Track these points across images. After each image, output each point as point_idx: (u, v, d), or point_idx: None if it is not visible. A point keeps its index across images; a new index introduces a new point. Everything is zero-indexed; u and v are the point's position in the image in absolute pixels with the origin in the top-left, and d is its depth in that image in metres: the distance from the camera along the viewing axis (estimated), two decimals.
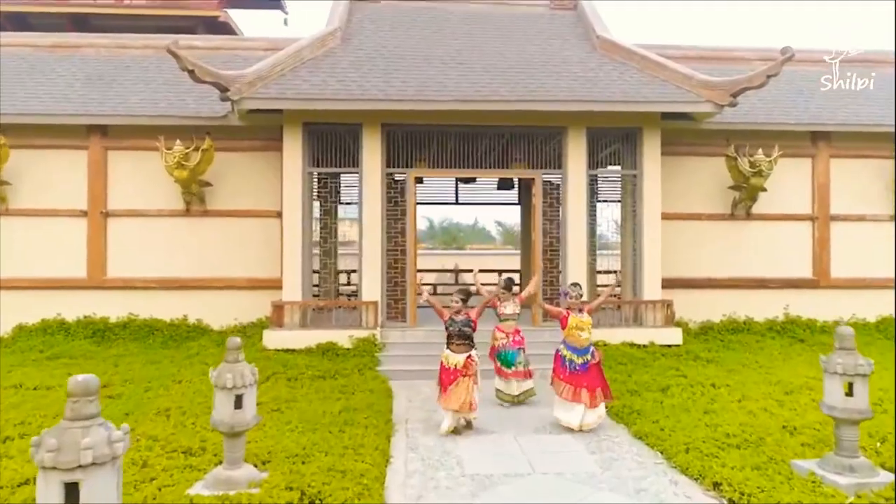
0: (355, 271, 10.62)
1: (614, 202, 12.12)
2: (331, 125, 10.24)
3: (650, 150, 10.51)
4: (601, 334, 9.90)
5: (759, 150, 10.71)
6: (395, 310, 10.48)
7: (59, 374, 8.53)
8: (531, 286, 8.10)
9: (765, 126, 11.26)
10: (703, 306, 11.32)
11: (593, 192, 11.02)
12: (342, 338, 9.68)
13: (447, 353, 6.52)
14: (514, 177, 13.52)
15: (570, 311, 6.70)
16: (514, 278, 9.10)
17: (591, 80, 10.27)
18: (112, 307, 10.83)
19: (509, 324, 7.66)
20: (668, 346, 9.91)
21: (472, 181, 15.15)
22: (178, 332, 10.70)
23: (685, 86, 9.99)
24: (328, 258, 11.37)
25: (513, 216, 41.67)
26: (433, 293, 16.06)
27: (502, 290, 7.84)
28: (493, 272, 16.78)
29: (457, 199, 15.87)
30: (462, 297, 6.72)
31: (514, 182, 14.87)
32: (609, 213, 12.00)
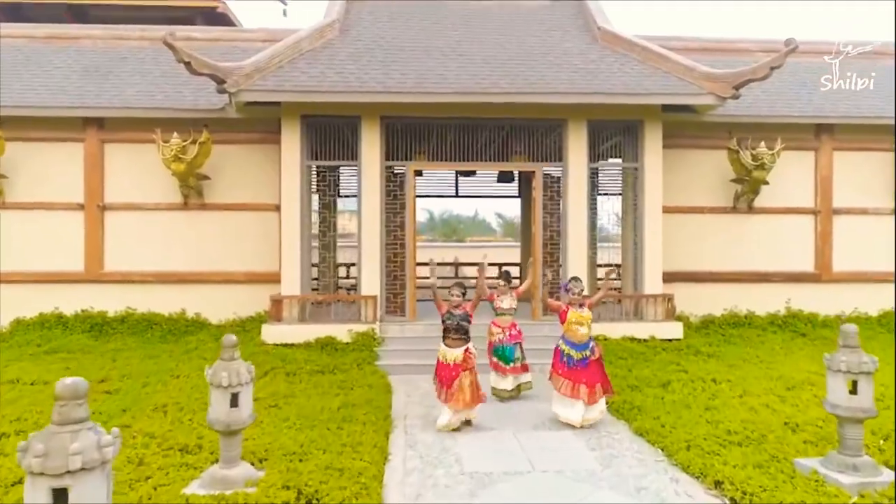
0: (354, 264, 10.55)
1: (615, 195, 12.04)
2: (329, 118, 10.14)
3: (651, 142, 10.42)
4: (601, 328, 9.85)
5: (762, 142, 10.62)
6: (395, 304, 10.42)
7: (56, 368, 8.49)
8: (527, 283, 8.01)
9: (768, 119, 11.16)
10: (705, 300, 11.26)
11: (594, 185, 10.94)
12: (341, 332, 9.62)
13: (444, 348, 6.46)
14: (515, 170, 13.42)
15: (570, 305, 6.64)
16: (512, 271, 9.05)
17: (591, 72, 10.16)
18: (110, 301, 10.78)
19: (506, 318, 7.60)
20: (669, 340, 9.85)
21: (472, 174, 15.05)
22: (176, 327, 10.65)
23: (687, 78, 9.88)
24: (327, 252, 11.30)
25: (513, 208, 41.53)
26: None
27: (501, 284, 7.78)
28: (494, 265, 16.74)
29: (457, 192, 15.77)
30: (461, 292, 6.66)
31: (515, 175, 14.77)
32: (610, 206, 11.95)
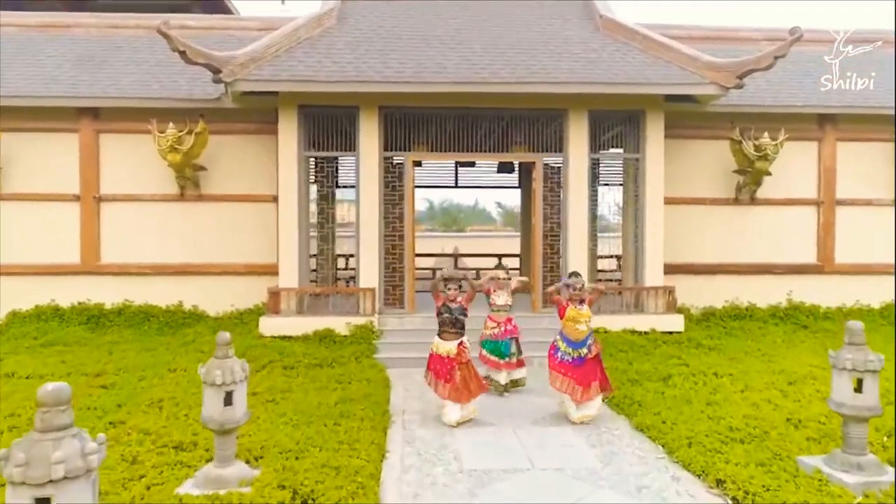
0: (353, 255, 10.46)
1: (616, 186, 11.92)
2: (327, 108, 10.00)
3: (653, 133, 10.28)
4: (602, 321, 9.77)
5: (765, 133, 10.48)
6: (393, 296, 10.33)
7: (52, 361, 8.42)
8: (516, 282, 7.78)
9: (771, 108, 11.00)
10: (706, 292, 11.17)
11: (595, 175, 10.81)
12: (339, 324, 9.55)
13: (438, 341, 6.40)
14: (515, 161, 13.30)
15: (569, 301, 6.54)
16: (512, 263, 8.95)
17: (593, 61, 10.01)
18: (107, 293, 10.69)
19: (501, 314, 7.50)
20: (670, 332, 9.77)
21: (471, 164, 14.93)
22: (173, 319, 10.56)
23: (690, 67, 9.73)
24: (325, 244, 11.20)
25: (514, 197, 41.41)
26: (433, 277, 15.96)
27: (500, 277, 7.67)
28: (493, 256, 16.65)
29: (456, 182, 15.66)
30: (457, 286, 6.57)
31: (515, 165, 14.64)
32: (611, 197, 11.84)
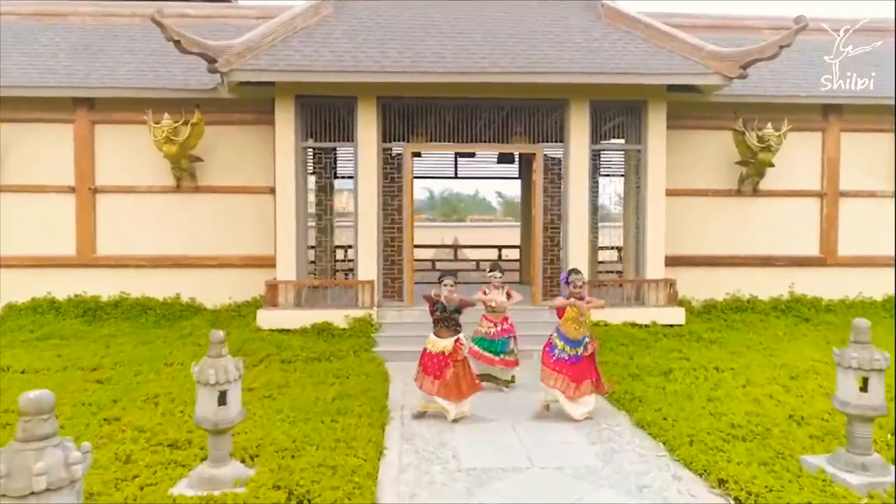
0: (352, 247, 10.37)
1: (617, 176, 11.81)
2: (324, 98, 9.86)
3: (655, 123, 10.15)
4: (602, 314, 9.64)
5: (769, 123, 10.35)
6: (392, 289, 10.25)
7: (48, 355, 8.35)
8: (512, 300, 7.51)
9: (774, 99, 10.86)
10: (707, 284, 11.09)
11: (596, 167, 10.69)
12: (338, 317, 9.47)
13: (433, 338, 6.31)
14: (515, 152, 13.16)
15: (568, 300, 6.39)
16: (512, 254, 8.84)
17: (594, 50, 9.86)
18: (103, 285, 10.61)
19: (497, 314, 7.39)
20: (671, 325, 9.70)
21: (471, 155, 14.80)
22: (170, 311, 10.48)
23: (693, 57, 9.59)
24: (324, 235, 11.10)
25: (514, 187, 41.25)
26: (432, 268, 15.87)
27: (496, 276, 7.54)
28: (494, 248, 16.57)
29: (456, 173, 15.53)
30: (454, 281, 6.50)
31: (515, 156, 14.51)
32: (612, 188, 11.73)
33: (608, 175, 11.90)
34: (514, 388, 7.36)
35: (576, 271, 6.50)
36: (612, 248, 12.02)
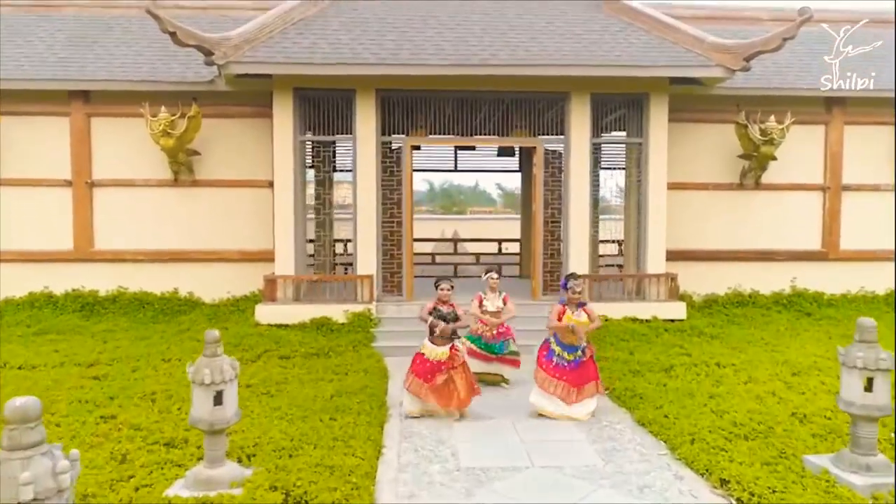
0: (352, 240, 10.30)
1: (618, 169, 11.72)
2: (323, 91, 9.77)
3: (657, 116, 10.04)
4: (603, 308, 9.56)
5: (771, 116, 10.25)
6: (391, 283, 10.19)
7: (45, 351, 8.30)
8: (506, 315, 7.36)
9: (777, 91, 10.75)
10: (708, 279, 11.02)
11: (597, 160, 10.59)
12: (337, 312, 9.41)
13: (428, 345, 6.23)
14: (515, 145, 13.06)
15: (566, 306, 6.27)
16: (512, 248, 8.76)
17: (596, 42, 9.75)
18: (101, 280, 10.55)
19: (493, 320, 7.27)
20: (672, 320, 9.64)
21: (471, 148, 14.70)
22: (168, 306, 10.43)
23: (696, 49, 9.47)
24: (322, 230, 11.02)
25: (514, 180, 41.07)
26: (431, 262, 15.81)
27: (492, 278, 7.43)
28: (493, 241, 16.49)
29: (455, 166, 15.43)
30: (450, 286, 6.48)
31: (516, 148, 14.41)
32: (613, 182, 11.65)
33: (609, 168, 11.82)
34: (515, 385, 7.29)
35: (574, 276, 6.38)
36: (613, 242, 11.95)
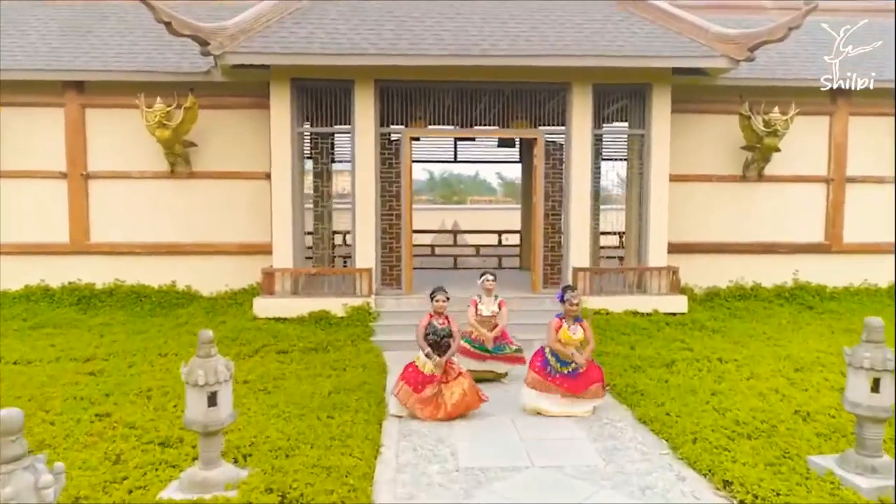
0: (351, 232, 10.21)
1: (619, 160, 11.60)
2: (321, 81, 9.63)
3: (660, 108, 9.90)
4: (603, 302, 9.58)
5: (775, 107, 10.11)
6: (391, 276, 10.10)
7: (41, 345, 8.24)
8: (498, 328, 7.26)
9: (782, 82, 10.60)
10: (710, 271, 10.93)
11: (598, 151, 10.46)
12: (335, 306, 9.33)
13: (423, 359, 6.12)
14: (516, 137, 12.92)
15: (563, 319, 6.19)
16: (512, 238, 8.64)
17: (598, 32, 9.59)
18: (97, 273, 10.46)
19: (487, 335, 7.17)
20: (673, 314, 9.56)
21: (471, 139, 14.55)
22: (166, 299, 10.36)
23: (699, 39, 9.32)
24: (321, 222, 10.91)
25: (514, 168, 40.88)
26: (431, 254, 15.70)
27: (488, 280, 7.35)
28: (494, 233, 16.37)
29: (455, 157, 15.29)
30: (446, 297, 6.38)
31: (516, 139, 14.26)
32: (614, 173, 11.53)
33: (610, 158, 11.69)
34: (514, 381, 7.20)
35: (570, 288, 6.32)
36: (614, 234, 11.85)
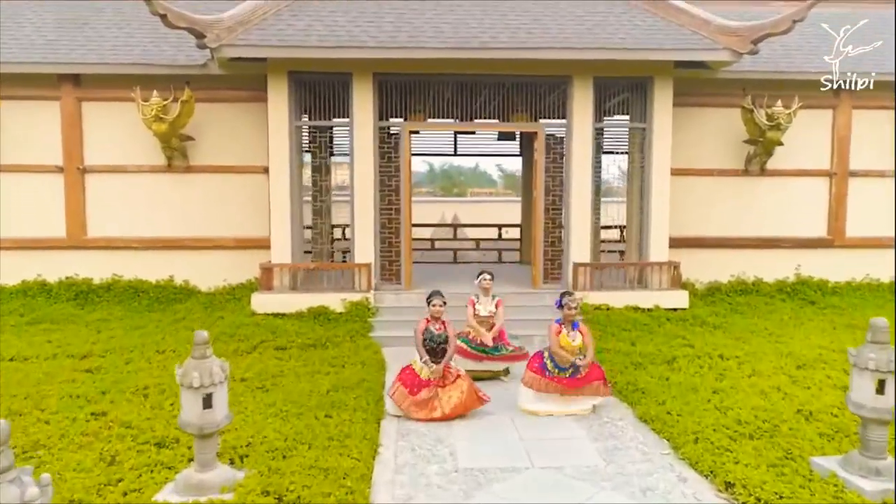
0: (349, 226, 10.14)
1: (620, 153, 11.49)
2: (319, 74, 9.52)
3: (661, 101, 9.80)
4: (604, 298, 9.52)
5: (778, 101, 10.01)
6: (390, 271, 10.04)
7: (38, 341, 8.19)
8: (495, 329, 7.21)
9: (785, 75, 10.49)
10: (711, 266, 10.87)
11: (599, 145, 10.38)
12: (334, 301, 9.27)
13: (420, 364, 6.06)
14: (516, 130, 12.81)
15: (562, 325, 6.12)
16: (512, 232, 8.56)
17: (599, 25, 9.47)
18: (95, 268, 10.40)
19: (486, 334, 7.11)
20: (674, 309, 9.50)
21: (471, 132, 14.45)
22: (164, 294, 10.30)
23: (702, 31, 9.21)
24: (319, 217, 10.84)
25: (515, 161, 40.75)
26: (431, 248, 15.63)
27: (486, 279, 7.30)
28: (493, 226, 16.30)
29: (455, 150, 15.19)
30: (443, 301, 6.28)
31: (516, 132, 14.15)
32: (615, 167, 11.45)
33: (611, 152, 11.59)
34: (514, 379, 7.14)
35: (569, 293, 6.25)
36: (615, 228, 11.77)
